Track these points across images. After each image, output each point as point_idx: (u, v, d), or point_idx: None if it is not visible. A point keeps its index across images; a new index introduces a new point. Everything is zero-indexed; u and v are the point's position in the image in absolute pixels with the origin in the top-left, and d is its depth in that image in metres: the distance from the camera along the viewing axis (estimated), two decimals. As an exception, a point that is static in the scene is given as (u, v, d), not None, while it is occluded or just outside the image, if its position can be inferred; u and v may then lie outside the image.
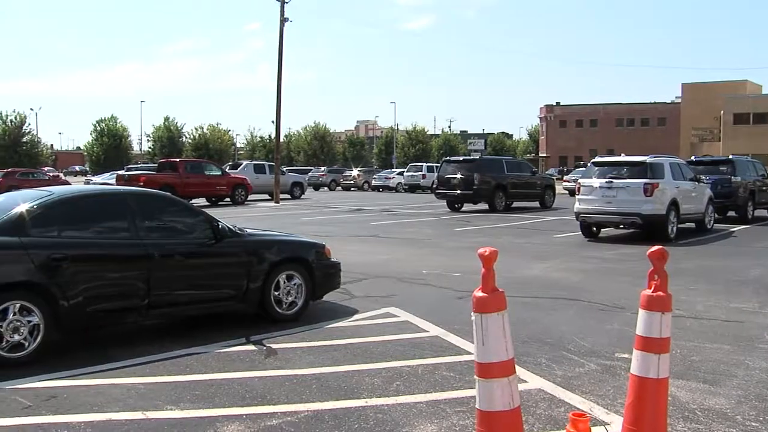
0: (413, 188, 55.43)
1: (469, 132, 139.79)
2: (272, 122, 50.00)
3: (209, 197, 36.07)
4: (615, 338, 8.09)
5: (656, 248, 4.56)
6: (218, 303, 8.62)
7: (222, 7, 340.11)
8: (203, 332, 8.32)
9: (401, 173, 60.22)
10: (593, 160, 20.34)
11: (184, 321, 8.80)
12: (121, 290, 7.74)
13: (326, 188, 62.32)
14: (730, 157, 26.06)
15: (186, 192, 31.09)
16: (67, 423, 5.44)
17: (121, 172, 44.12)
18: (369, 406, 5.83)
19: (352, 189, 60.95)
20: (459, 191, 29.89)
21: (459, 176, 29.76)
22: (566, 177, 51.19)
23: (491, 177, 29.76)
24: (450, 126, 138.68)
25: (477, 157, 36.18)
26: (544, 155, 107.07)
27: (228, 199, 36.55)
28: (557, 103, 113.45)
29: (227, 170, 40.23)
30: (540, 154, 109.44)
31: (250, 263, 8.71)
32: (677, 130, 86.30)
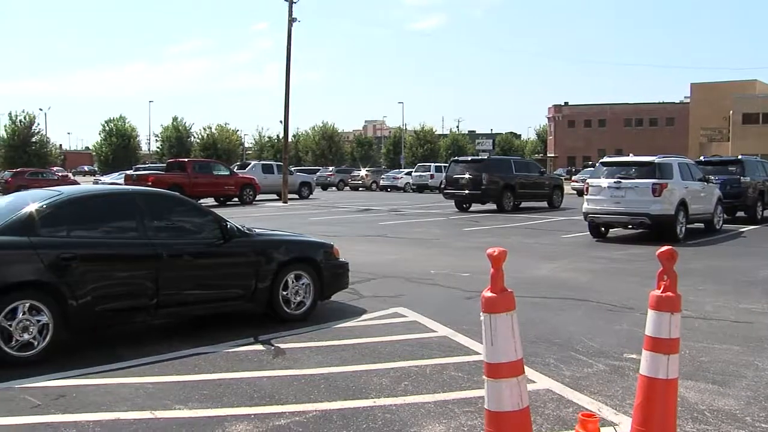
0: (421, 188, 55.39)
1: (478, 132, 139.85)
2: (280, 122, 50.05)
3: (217, 197, 36.12)
4: (623, 339, 8.06)
5: (666, 248, 4.55)
6: (226, 303, 8.63)
7: (230, 8, 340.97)
8: (211, 332, 8.34)
9: (409, 173, 60.20)
10: (602, 160, 20.27)
11: (193, 321, 8.81)
12: (130, 290, 7.75)
13: (334, 188, 62.35)
14: (740, 157, 26.01)
15: (194, 192, 31.14)
16: (76, 422, 5.46)
17: (130, 172, 44.29)
18: (377, 406, 5.83)
19: (360, 189, 60.96)
20: (467, 191, 29.87)
21: (467, 176, 29.73)
22: (574, 177, 51.15)
23: (499, 177, 29.73)
24: (458, 126, 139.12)
25: (485, 157, 36.07)
26: (553, 155, 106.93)
27: (236, 199, 36.61)
28: (566, 103, 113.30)
29: (235, 170, 40.30)
30: (548, 154, 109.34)
31: (259, 263, 8.71)
32: (686, 130, 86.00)
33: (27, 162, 72.45)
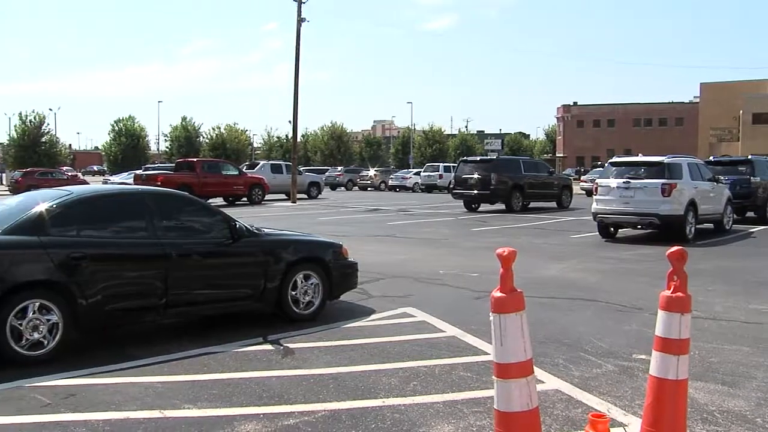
0: (430, 188, 55.36)
1: (486, 132, 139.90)
2: (289, 122, 50.02)
3: (226, 197, 36.19)
4: (633, 339, 8.04)
5: (676, 249, 4.53)
6: (235, 302, 8.64)
7: (239, 8, 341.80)
8: (220, 331, 8.35)
9: (418, 173, 60.15)
10: (611, 161, 20.23)
11: (202, 320, 8.83)
12: (139, 289, 7.77)
13: (343, 188, 62.35)
14: (749, 157, 25.91)
15: (203, 192, 31.19)
16: (86, 421, 5.47)
17: (139, 172, 44.38)
18: (386, 406, 5.82)
19: (369, 189, 60.95)
20: (476, 191, 29.84)
21: (476, 176, 29.70)
22: (583, 177, 51.00)
23: (508, 177, 29.69)
24: (467, 126, 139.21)
25: (494, 157, 36.07)
26: (561, 155, 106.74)
27: (245, 199, 36.68)
28: (574, 103, 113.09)
29: (244, 170, 40.33)
30: (557, 154, 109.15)
31: (268, 263, 8.72)
32: (695, 130, 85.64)
33: (37, 162, 72.62)
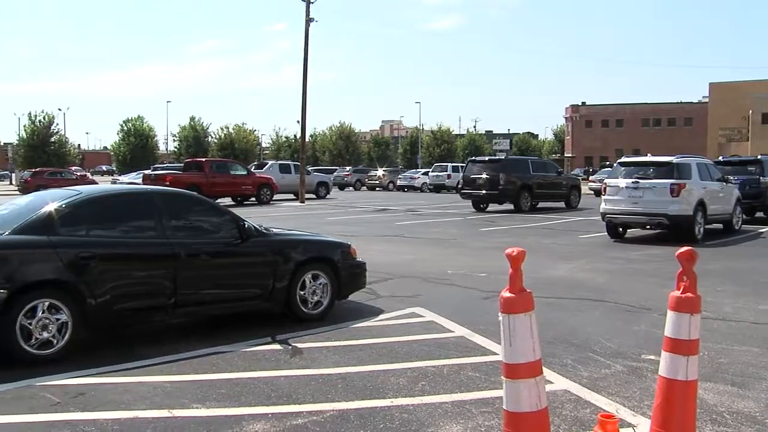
0: (438, 188, 55.31)
1: (495, 132, 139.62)
2: (297, 122, 50.13)
3: (235, 197, 36.25)
4: (641, 340, 8.02)
5: (685, 249, 4.52)
6: (244, 302, 8.65)
7: (248, 8, 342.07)
8: (229, 331, 8.36)
9: (426, 173, 60.08)
10: (619, 161, 20.19)
11: (210, 320, 8.84)
12: (148, 289, 7.79)
13: (351, 188, 62.36)
14: (759, 158, 25.79)
15: (212, 191, 31.21)
16: (95, 420, 5.49)
17: (148, 172, 44.51)
18: (394, 406, 5.82)
19: (377, 189, 60.95)
20: (484, 191, 29.79)
21: (484, 176, 29.66)
22: (592, 177, 50.88)
23: (517, 177, 29.65)
24: (475, 126, 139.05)
25: (502, 157, 36.03)
26: (570, 155, 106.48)
27: (253, 199, 36.72)
28: (583, 103, 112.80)
29: (253, 170, 40.40)
30: (565, 155, 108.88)
31: (276, 263, 8.73)
32: (704, 130, 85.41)
33: (46, 162, 72.94)
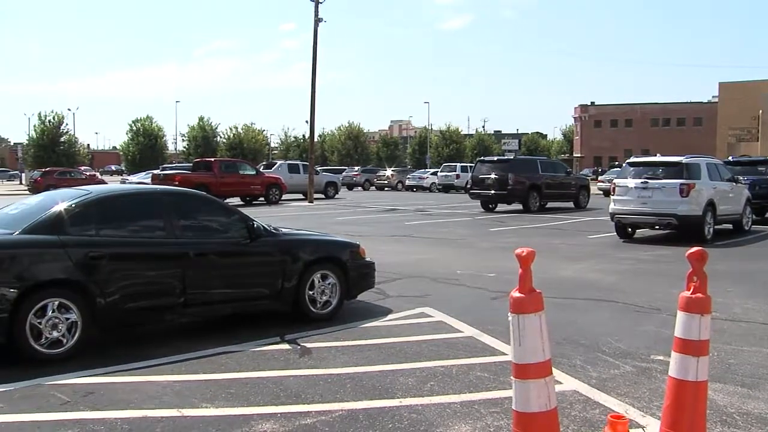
0: (447, 188, 55.25)
1: (503, 132, 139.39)
2: (306, 122, 50.24)
3: (243, 197, 36.32)
4: (651, 340, 8.00)
5: (695, 249, 4.51)
6: (253, 302, 8.66)
7: (257, 8, 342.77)
8: (238, 331, 8.37)
9: (435, 173, 60.05)
10: (628, 161, 20.14)
11: (219, 319, 8.85)
12: (157, 288, 7.81)
13: (360, 188, 62.36)
14: (769, 158, 25.71)
15: (221, 191, 31.24)
16: (104, 419, 5.51)
17: (157, 172, 44.62)
18: (403, 406, 5.82)
19: (386, 189, 60.97)
20: (493, 191, 29.75)
21: (493, 176, 29.62)
22: (601, 177, 50.75)
23: (525, 177, 29.61)
24: (484, 126, 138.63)
25: (511, 157, 36.05)
26: (579, 155, 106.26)
27: (262, 199, 36.78)
28: (592, 103, 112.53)
29: (261, 170, 40.44)
30: (574, 155, 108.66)
31: (285, 262, 8.74)
32: (714, 130, 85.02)
33: (56, 162, 73.19)
